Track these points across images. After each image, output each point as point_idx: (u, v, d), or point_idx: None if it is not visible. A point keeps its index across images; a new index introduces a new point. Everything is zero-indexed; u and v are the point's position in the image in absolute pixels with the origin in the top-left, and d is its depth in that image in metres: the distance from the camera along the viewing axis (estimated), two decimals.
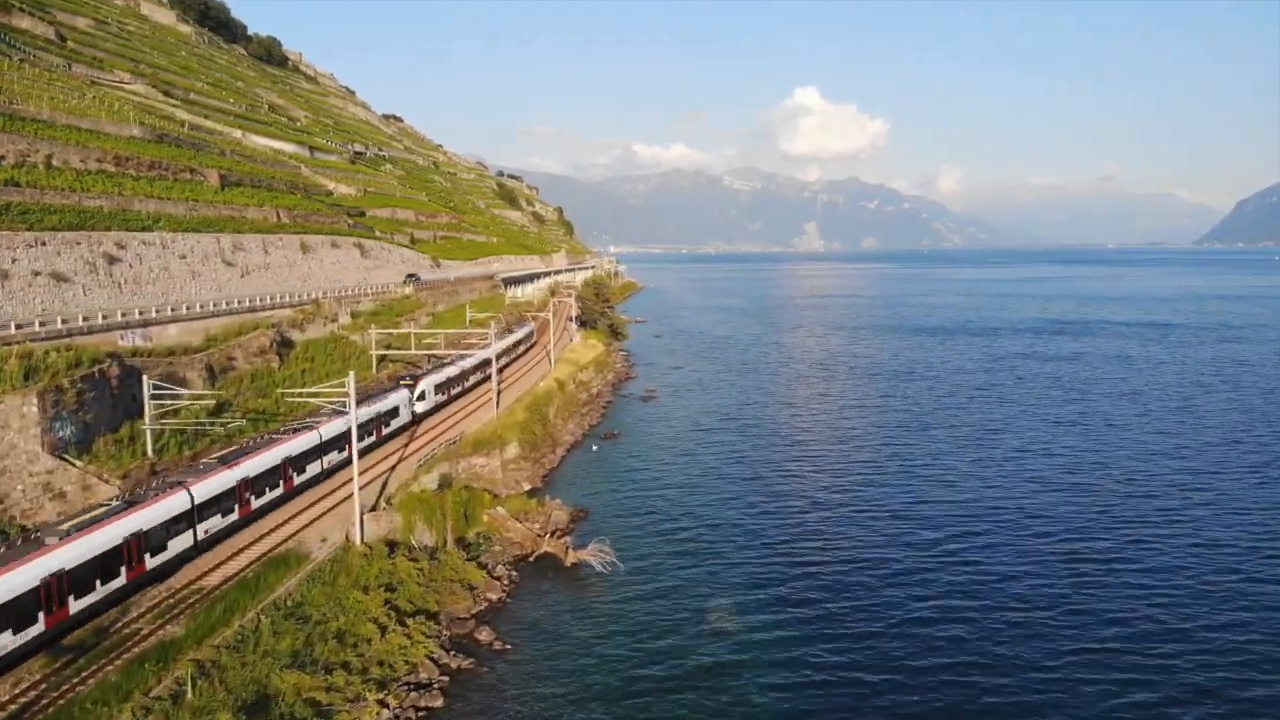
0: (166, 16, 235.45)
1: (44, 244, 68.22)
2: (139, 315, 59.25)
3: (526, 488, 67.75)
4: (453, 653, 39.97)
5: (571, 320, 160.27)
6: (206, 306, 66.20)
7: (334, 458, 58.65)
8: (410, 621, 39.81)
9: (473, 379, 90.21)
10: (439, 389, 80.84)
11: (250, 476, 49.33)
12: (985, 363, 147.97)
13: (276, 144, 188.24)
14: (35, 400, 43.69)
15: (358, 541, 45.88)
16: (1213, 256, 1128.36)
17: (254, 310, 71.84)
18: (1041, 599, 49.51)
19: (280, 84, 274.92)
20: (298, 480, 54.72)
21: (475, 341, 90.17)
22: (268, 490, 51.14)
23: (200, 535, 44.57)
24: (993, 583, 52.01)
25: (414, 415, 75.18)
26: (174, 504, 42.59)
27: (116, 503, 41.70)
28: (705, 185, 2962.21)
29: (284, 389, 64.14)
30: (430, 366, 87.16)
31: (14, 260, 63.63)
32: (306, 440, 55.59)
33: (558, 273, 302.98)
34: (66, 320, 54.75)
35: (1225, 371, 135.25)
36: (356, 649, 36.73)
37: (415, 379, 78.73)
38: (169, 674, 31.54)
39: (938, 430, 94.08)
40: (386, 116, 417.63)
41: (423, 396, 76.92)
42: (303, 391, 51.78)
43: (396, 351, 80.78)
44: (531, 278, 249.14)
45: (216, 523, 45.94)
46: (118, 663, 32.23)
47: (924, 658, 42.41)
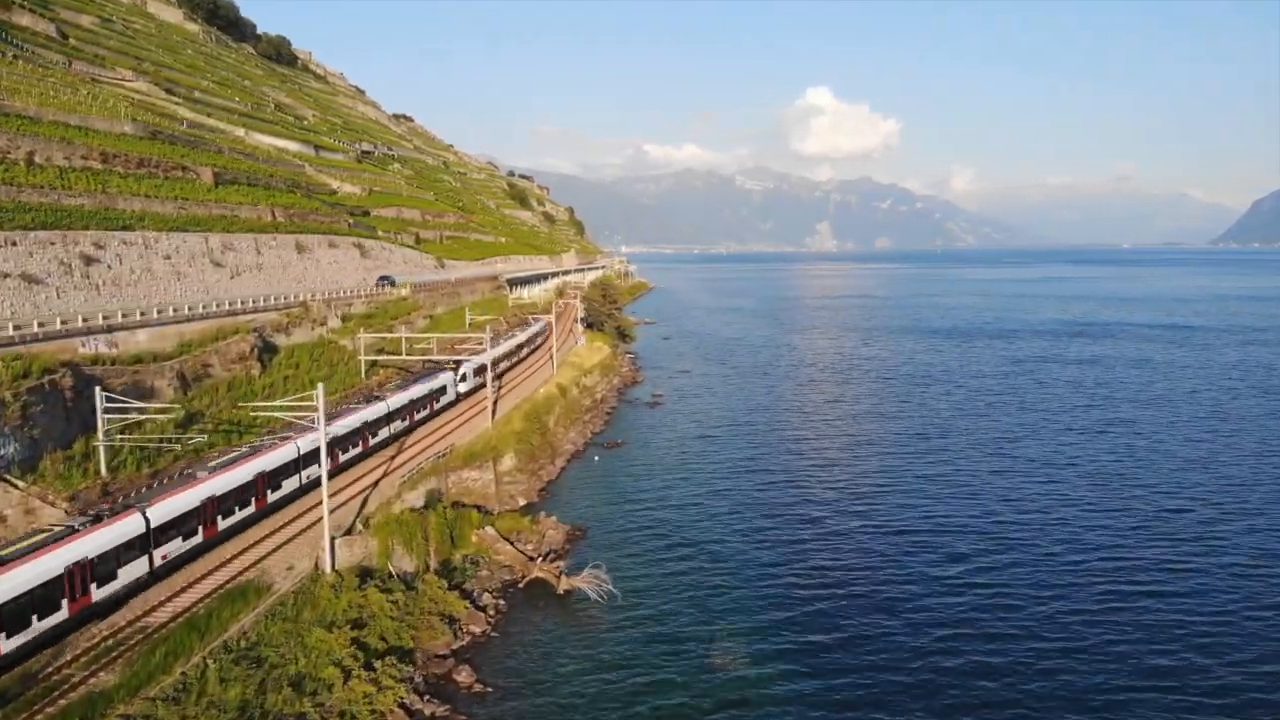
0: (174, 15, 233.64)
1: (14, 244, 64.63)
2: (103, 320, 55.47)
3: (521, 503, 63.81)
4: (427, 697, 36.02)
5: (578, 322, 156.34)
6: (181, 310, 62.47)
7: (314, 471, 54.64)
8: (380, 663, 35.81)
9: (502, 366, 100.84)
10: (476, 373, 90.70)
11: (218, 495, 45.46)
12: (1004, 366, 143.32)
13: (281, 142, 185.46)
14: None
15: (328, 569, 41.93)
16: (1229, 257, 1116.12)
17: (234, 314, 68.09)
18: (1074, 627, 45.43)
19: (289, 83, 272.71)
20: (272, 497, 50.77)
21: (471, 346, 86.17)
22: (237, 509, 47.26)
23: (157, 562, 40.80)
24: (1018, 609, 47.88)
25: (458, 394, 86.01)
26: (125, 528, 38.83)
27: (61, 527, 37.97)
28: (717, 185, 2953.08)
29: (263, 398, 60.44)
30: (468, 355, 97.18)
31: None
32: (282, 454, 51.68)
33: (566, 273, 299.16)
34: (20, 326, 50.87)
35: (1253, 376, 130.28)
36: (315, 697, 32.80)
37: (458, 364, 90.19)
38: None
39: (956, 439, 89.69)
40: (396, 116, 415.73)
41: (464, 378, 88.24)
42: (268, 405, 47.86)
43: (389, 357, 76.79)
44: (539, 278, 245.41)
45: (176, 547, 42.12)
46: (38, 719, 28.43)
47: (948, 694, 38.36)
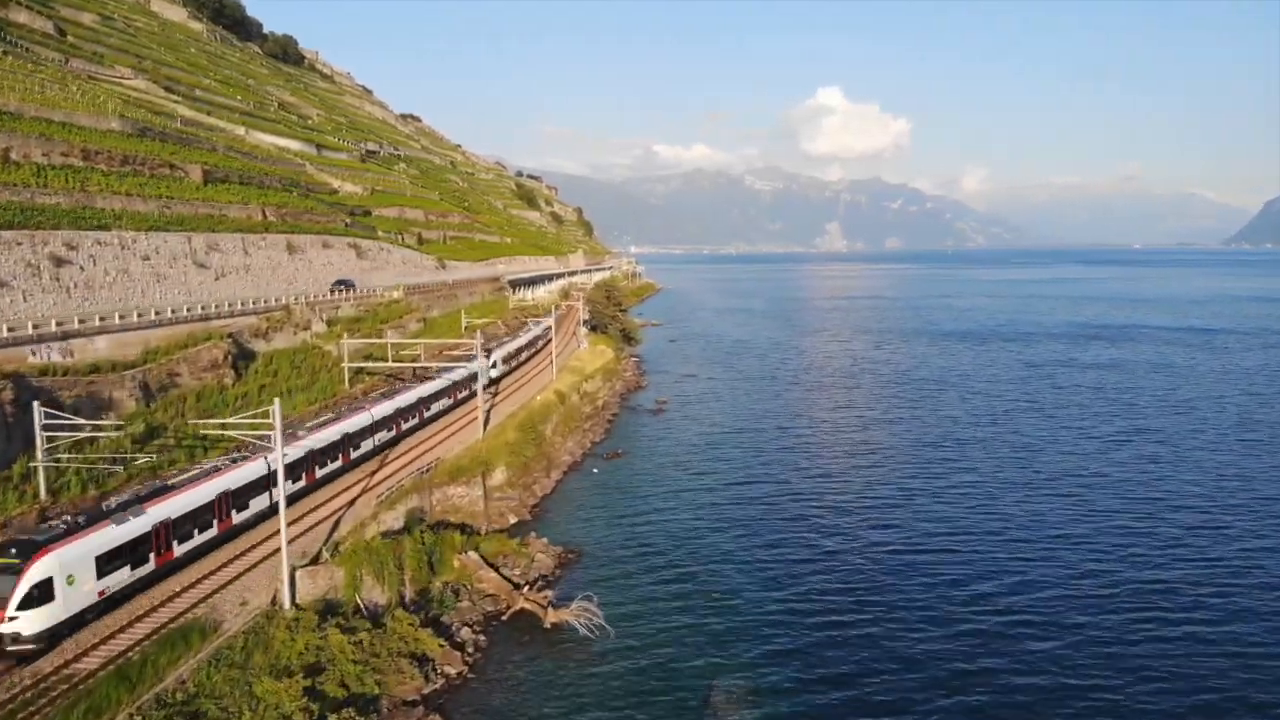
0: (178, 14, 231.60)
1: None
2: (56, 327, 51.57)
3: (512, 521, 59.71)
4: None
5: (581, 325, 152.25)
6: (147, 315, 58.58)
7: (289, 487, 50.64)
8: (335, 716, 31.80)
9: (525, 354, 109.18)
10: (505, 360, 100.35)
11: (173, 518, 41.49)
12: (1019, 371, 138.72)
13: (282, 141, 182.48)
14: None
15: (287, 605, 37.94)
16: (1242, 258, 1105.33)
17: (207, 318, 64.23)
18: (1106, 657, 41.33)
19: (294, 82, 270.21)
20: (238, 518, 46.79)
21: (461, 353, 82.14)
22: (196, 533, 43.29)
23: (96, 596, 36.91)
24: (1044, 641, 43.77)
25: (490, 378, 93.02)
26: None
27: None
28: (726, 185, 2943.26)
29: (236, 409, 56.55)
30: (498, 342, 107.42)
31: None
32: (250, 471, 47.77)
33: (573, 274, 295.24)
34: None
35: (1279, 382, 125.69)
36: None
37: (489, 351, 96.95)
38: None
39: (974, 451, 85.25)
40: (404, 116, 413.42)
41: (495, 365, 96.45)
42: (220, 423, 43.88)
43: (376, 364, 72.77)
44: (544, 279, 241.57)
45: (122, 578, 38.22)
46: None
47: None
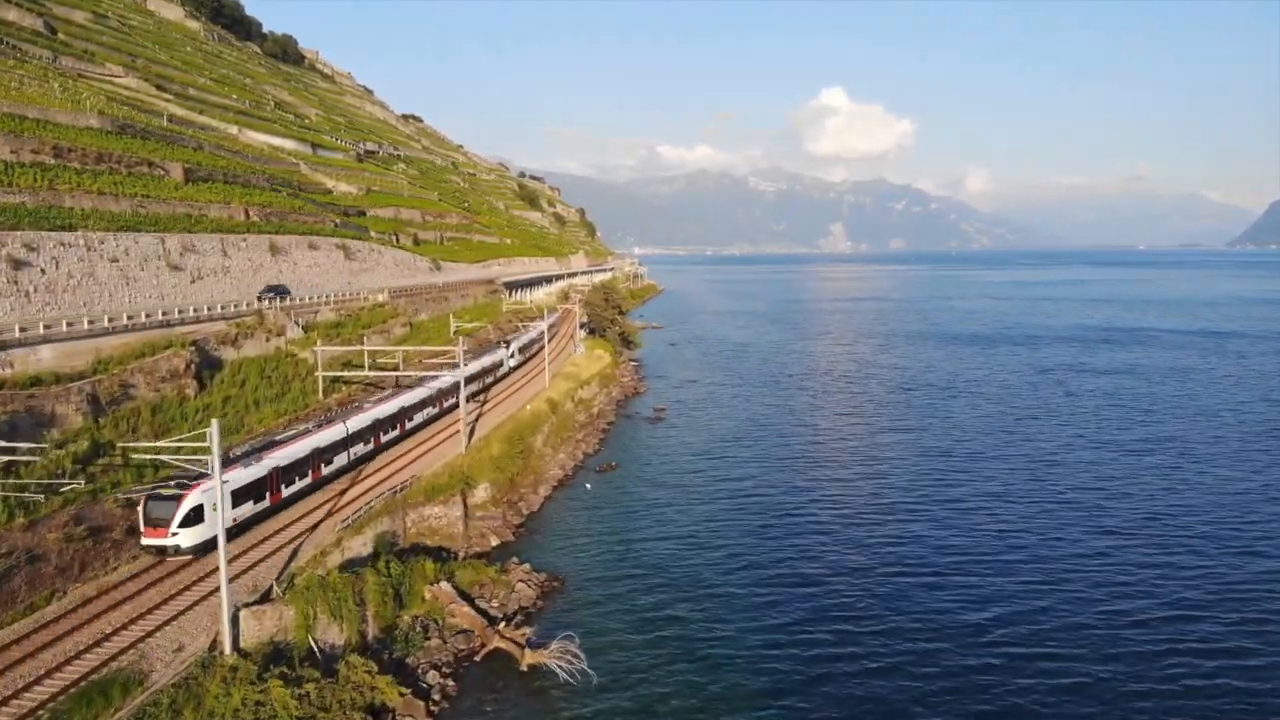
0: (174, 12, 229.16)
1: None
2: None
3: (494, 543, 55.50)
4: None
5: (579, 328, 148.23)
6: (99, 321, 54.44)
7: (247, 509, 46.78)
8: None
9: (536, 348, 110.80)
10: (521, 350, 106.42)
11: (281, 466, 45.98)
12: (1030, 376, 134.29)
13: (277, 140, 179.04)
14: None
15: (227, 649, 33.83)
16: (1249, 259, 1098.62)
17: (169, 324, 60.07)
18: (1126, 694, 37.21)
19: (293, 81, 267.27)
20: (325, 471, 51.63)
21: (442, 361, 77.90)
22: (296, 480, 48.23)
23: (231, 521, 40.40)
24: (1066, 673, 39.62)
25: (509, 367, 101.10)
26: None
27: None
28: (730, 186, 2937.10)
29: (195, 422, 52.45)
30: (513, 334, 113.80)
31: None
32: (335, 432, 52.30)
33: (573, 275, 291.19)
34: None
35: None
36: None
37: (508, 343, 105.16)
38: None
39: (986, 463, 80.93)
40: (405, 116, 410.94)
41: (513, 355, 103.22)
42: (147, 446, 39.58)
43: (353, 373, 68.36)
44: (543, 281, 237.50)
45: (247, 510, 42.18)
46: None
47: None
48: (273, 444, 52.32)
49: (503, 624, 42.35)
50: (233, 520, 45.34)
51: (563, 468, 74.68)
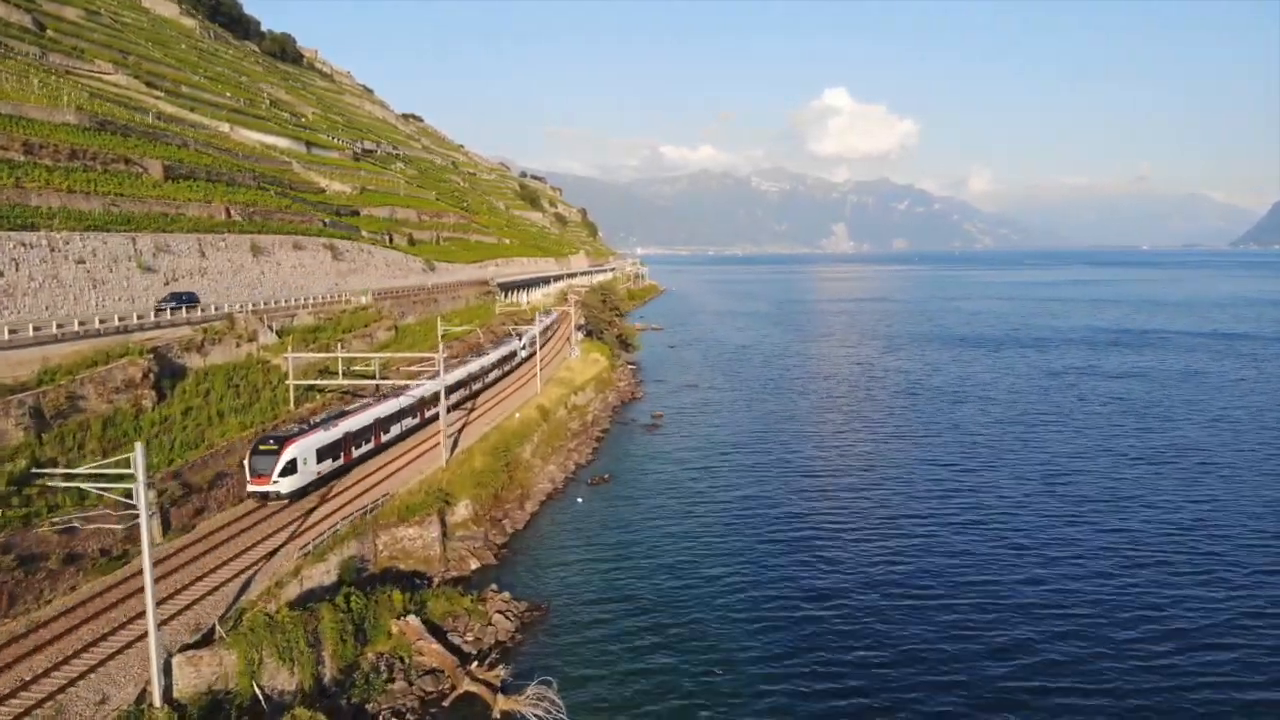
0: (170, 10, 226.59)
1: None
2: None
3: (473, 566, 51.57)
4: None
5: (575, 331, 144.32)
6: (47, 328, 50.49)
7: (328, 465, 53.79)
8: None
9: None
10: (531, 342, 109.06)
11: (352, 431, 51.45)
12: (1040, 380, 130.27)
13: (270, 139, 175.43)
14: None
15: (157, 700, 30.01)
16: (1252, 259, 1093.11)
17: (127, 331, 56.17)
18: None
19: (291, 80, 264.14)
20: (384, 438, 55.13)
21: (420, 369, 73.75)
22: (363, 444, 53.01)
23: (315, 474, 43.41)
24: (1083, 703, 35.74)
25: (523, 357, 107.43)
26: None
27: None
28: (733, 186, 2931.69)
29: (151, 435, 48.65)
30: (521, 328, 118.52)
31: None
32: (393, 404, 55.70)
33: (573, 276, 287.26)
34: None
35: None
36: None
37: (520, 334, 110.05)
38: None
39: (998, 473, 76.90)
40: (405, 115, 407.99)
41: (525, 346, 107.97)
42: (65, 472, 35.56)
43: (329, 382, 64.04)
44: (541, 282, 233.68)
45: (326, 466, 44.95)
46: None
47: None
48: (344, 414, 61.29)
49: (475, 664, 38.45)
50: (316, 474, 54.00)
51: (552, 480, 70.73)
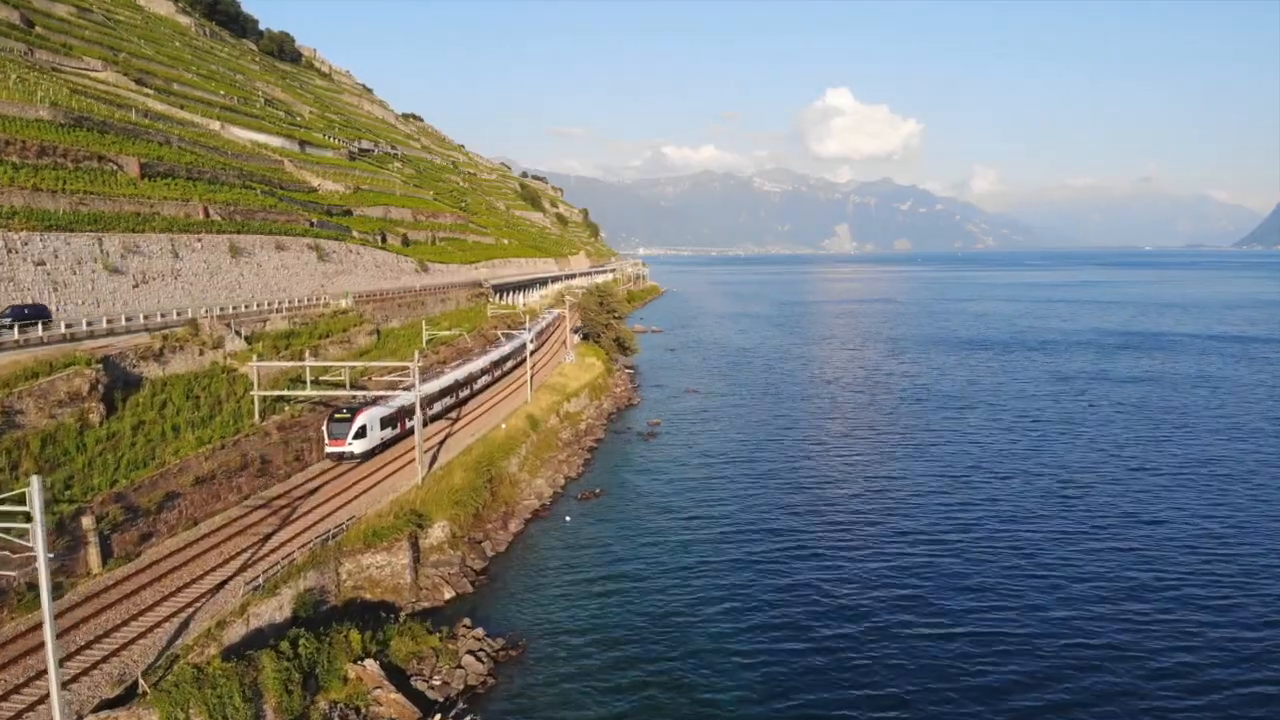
0: (165, 8, 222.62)
1: None
2: None
3: (447, 596, 47.39)
4: None
5: (571, 334, 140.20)
6: None
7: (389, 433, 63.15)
8: None
9: (516, 360, 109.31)
10: (523, 347, 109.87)
11: (403, 405, 57.42)
12: (1050, 385, 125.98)
13: (262, 137, 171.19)
14: None
15: None
16: (1257, 260, 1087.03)
17: (75, 338, 52.02)
18: None
19: (288, 79, 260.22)
20: (429, 414, 64.28)
21: (394, 380, 69.38)
22: (409, 419, 57.64)
23: (380, 440, 50.19)
24: None
25: (514, 362, 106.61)
26: None
27: None
28: (735, 187, 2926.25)
29: (95, 454, 44.59)
30: (513, 332, 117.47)
31: None
32: (435, 384, 62.63)
33: (572, 277, 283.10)
34: None
35: None
36: None
37: (512, 338, 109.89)
38: None
39: (1009, 486, 72.63)
40: (406, 115, 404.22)
41: (516, 350, 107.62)
42: None
43: (299, 393, 59.25)
44: (539, 283, 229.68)
45: (388, 434, 52.36)
46: None
47: None
48: (392, 394, 70.49)
49: (439, 715, 34.35)
50: (380, 439, 63.79)
51: (539, 496, 66.53)
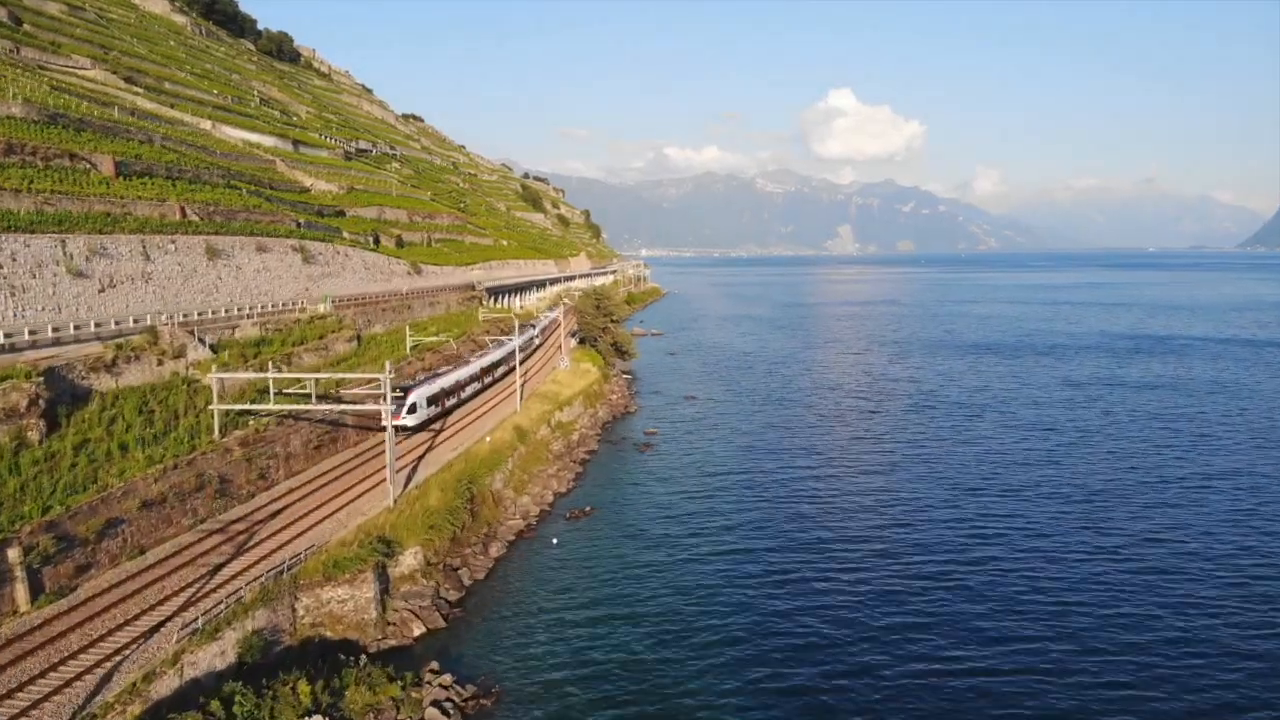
0: (161, 6, 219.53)
1: None
2: None
3: (417, 632, 43.18)
4: None
5: (568, 338, 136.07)
6: None
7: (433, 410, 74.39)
8: None
9: (504, 369, 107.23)
10: (542, 332, 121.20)
11: (444, 387, 66.13)
12: (1061, 391, 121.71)
13: (255, 137, 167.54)
14: None
15: None
16: (1261, 261, 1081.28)
17: (15, 349, 47.79)
18: None
19: (286, 79, 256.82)
20: (464, 395, 76.81)
21: (366, 390, 64.98)
22: (449, 400, 70.46)
23: (427, 415, 61.75)
24: None
25: (504, 370, 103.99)
26: None
27: None
28: (738, 188, 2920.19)
29: (29, 478, 40.56)
30: (505, 337, 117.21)
31: None
32: (468, 370, 72.98)
33: (571, 279, 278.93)
34: None
35: None
36: None
37: (503, 343, 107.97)
38: None
39: (1026, 504, 68.33)
40: (406, 116, 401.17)
41: (507, 356, 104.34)
42: None
43: (262, 407, 54.48)
44: (537, 285, 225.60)
45: (433, 411, 58.95)
46: None
47: None
48: (437, 375, 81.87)
49: None
50: (428, 414, 73.81)
51: (525, 515, 62.34)
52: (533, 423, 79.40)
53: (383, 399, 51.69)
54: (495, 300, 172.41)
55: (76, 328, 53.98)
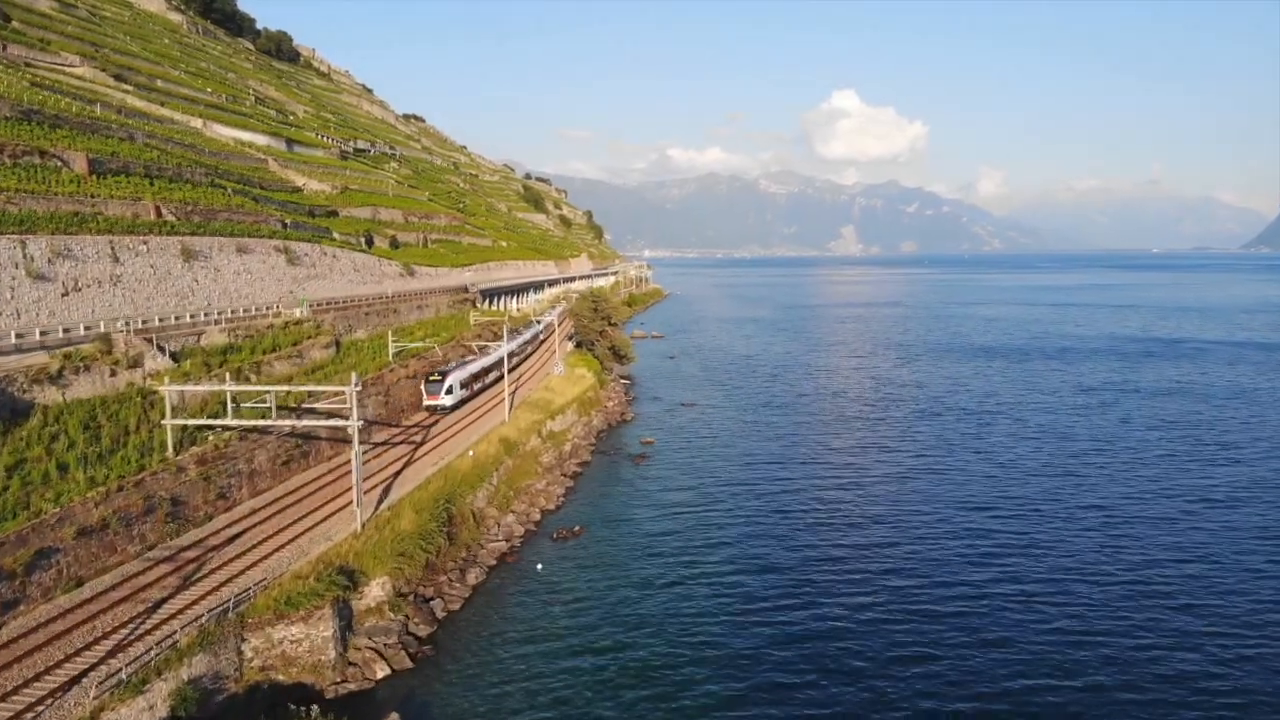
0: (156, 5, 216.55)
1: None
2: None
3: (380, 675, 39.15)
4: None
5: (563, 342, 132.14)
6: None
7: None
8: None
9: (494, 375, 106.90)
10: (521, 346, 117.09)
11: (475, 371, 77.62)
12: (1073, 397, 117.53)
13: (247, 135, 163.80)
14: None
15: None
16: (1267, 262, 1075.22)
17: None
18: None
19: (284, 78, 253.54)
20: (487, 380, 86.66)
21: (332, 404, 60.55)
22: (476, 384, 78.53)
23: (461, 396, 71.07)
24: None
25: (494, 376, 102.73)
26: None
27: None
28: (741, 189, 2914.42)
29: None
30: (536, 318, 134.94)
31: None
32: (493, 358, 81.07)
33: (571, 280, 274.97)
34: None
35: None
36: None
37: (493, 349, 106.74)
38: None
39: (1042, 519, 64.20)
40: (407, 116, 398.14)
41: (499, 362, 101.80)
42: None
43: (219, 422, 49.71)
44: (535, 286, 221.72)
45: (466, 393, 74.04)
46: None
47: None
48: (466, 362, 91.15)
49: None
50: (460, 397, 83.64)
51: (509, 537, 58.26)
52: (521, 434, 75.35)
53: (350, 413, 47.49)
54: (491, 303, 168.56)
55: (19, 336, 49.90)
